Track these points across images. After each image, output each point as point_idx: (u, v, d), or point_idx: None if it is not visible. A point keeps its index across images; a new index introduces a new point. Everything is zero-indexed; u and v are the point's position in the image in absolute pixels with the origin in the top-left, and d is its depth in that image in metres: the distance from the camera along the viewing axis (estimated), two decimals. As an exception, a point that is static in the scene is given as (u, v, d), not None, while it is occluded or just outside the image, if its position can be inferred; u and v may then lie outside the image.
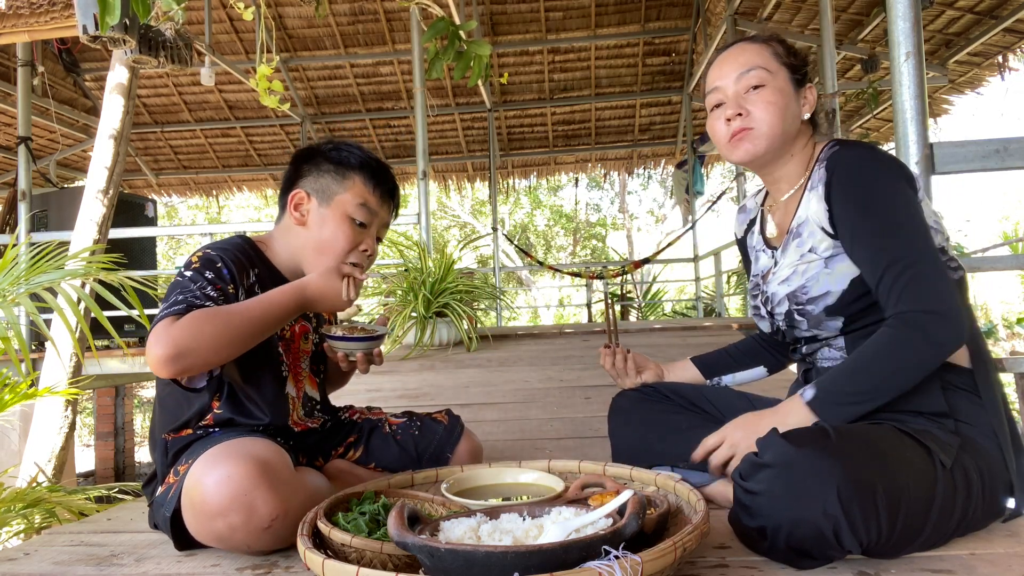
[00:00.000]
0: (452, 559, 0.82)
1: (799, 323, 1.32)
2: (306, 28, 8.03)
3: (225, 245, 1.37)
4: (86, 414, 10.86)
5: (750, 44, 1.35)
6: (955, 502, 1.06)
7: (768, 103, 1.29)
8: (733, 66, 1.33)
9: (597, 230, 17.53)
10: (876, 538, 0.98)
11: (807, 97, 1.34)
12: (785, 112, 1.29)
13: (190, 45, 3.26)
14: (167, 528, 1.21)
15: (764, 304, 1.40)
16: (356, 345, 1.42)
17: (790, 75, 1.32)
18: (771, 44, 1.34)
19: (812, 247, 1.27)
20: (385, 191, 1.46)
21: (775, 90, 1.30)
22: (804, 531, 0.98)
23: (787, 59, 1.33)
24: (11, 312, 2.09)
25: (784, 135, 1.30)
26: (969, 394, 1.17)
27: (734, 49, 1.36)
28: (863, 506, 0.96)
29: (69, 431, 3.03)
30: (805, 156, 1.35)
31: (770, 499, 1.00)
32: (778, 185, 1.38)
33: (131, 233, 5.58)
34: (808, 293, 1.27)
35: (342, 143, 1.47)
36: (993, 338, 9.26)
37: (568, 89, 9.01)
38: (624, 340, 1.78)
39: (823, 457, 0.98)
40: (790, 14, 7.04)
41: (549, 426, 2.24)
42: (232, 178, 10.16)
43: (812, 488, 0.96)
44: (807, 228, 1.28)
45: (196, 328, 1.17)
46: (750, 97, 1.30)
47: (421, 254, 4.66)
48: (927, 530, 1.04)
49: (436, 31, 2.32)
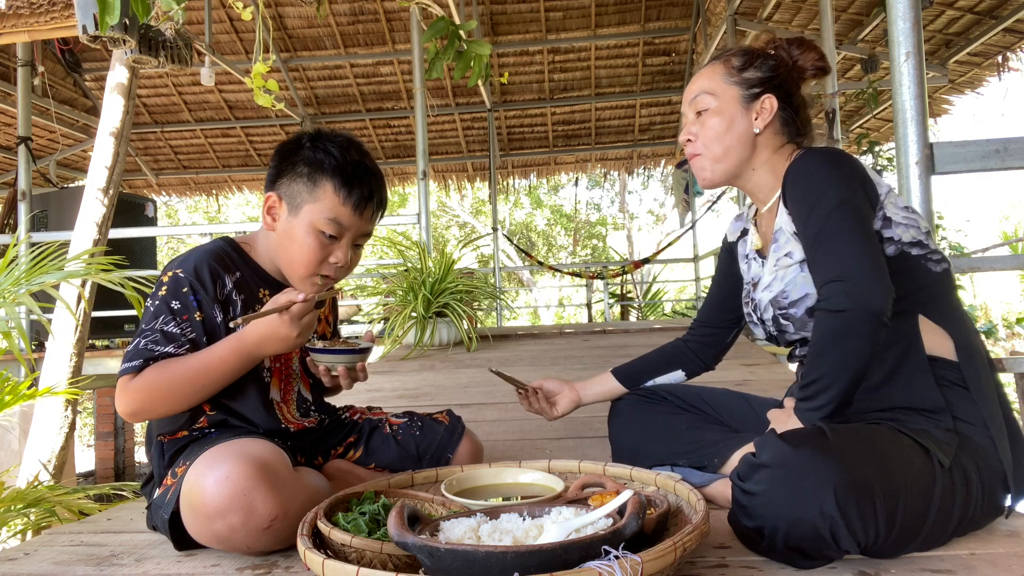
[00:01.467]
0: (452, 559, 0.82)
1: (786, 327, 1.33)
2: (306, 28, 8.03)
3: (199, 256, 1.33)
4: (86, 414, 10.86)
5: (709, 66, 1.39)
6: (954, 501, 1.06)
7: (709, 128, 1.34)
8: (690, 91, 1.39)
9: (597, 230, 17.53)
10: (874, 538, 0.99)
11: (763, 108, 1.33)
12: (727, 134, 1.33)
13: (190, 45, 3.26)
14: (166, 529, 1.21)
15: (754, 312, 1.42)
16: (337, 358, 1.35)
17: (741, 92, 1.34)
18: (727, 61, 1.37)
19: (788, 252, 1.29)
20: (360, 198, 1.34)
21: (716, 114, 1.34)
22: (801, 531, 0.98)
23: (739, 75, 1.34)
24: (13, 312, 2.09)
25: (730, 155, 1.34)
26: (962, 389, 1.16)
27: (697, 74, 1.41)
28: (860, 506, 0.96)
29: (69, 431, 3.03)
30: (776, 166, 1.36)
31: (767, 500, 1.00)
32: (756, 196, 1.41)
33: (131, 233, 5.58)
34: (789, 297, 1.29)
35: (325, 136, 1.37)
36: (993, 338, 9.26)
37: (568, 89, 9.01)
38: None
39: (820, 457, 0.98)
40: (790, 14, 7.04)
41: (549, 426, 2.24)
42: (232, 178, 10.15)
43: (809, 489, 0.97)
44: (782, 235, 1.31)
45: (148, 391, 1.24)
46: (698, 122, 1.37)
47: (421, 254, 4.66)
48: (926, 529, 1.04)
49: (436, 31, 2.32)
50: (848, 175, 1.22)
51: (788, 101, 1.36)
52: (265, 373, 1.40)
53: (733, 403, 1.57)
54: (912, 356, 1.18)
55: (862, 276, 1.10)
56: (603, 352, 4.05)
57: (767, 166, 1.36)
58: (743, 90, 1.34)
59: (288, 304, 1.21)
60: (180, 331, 1.27)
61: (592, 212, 17.68)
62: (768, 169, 1.36)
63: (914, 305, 1.20)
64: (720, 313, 1.59)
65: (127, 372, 1.24)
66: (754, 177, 1.37)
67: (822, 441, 1.02)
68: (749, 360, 3.37)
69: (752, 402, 1.56)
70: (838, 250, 1.14)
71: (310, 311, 1.24)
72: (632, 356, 1.71)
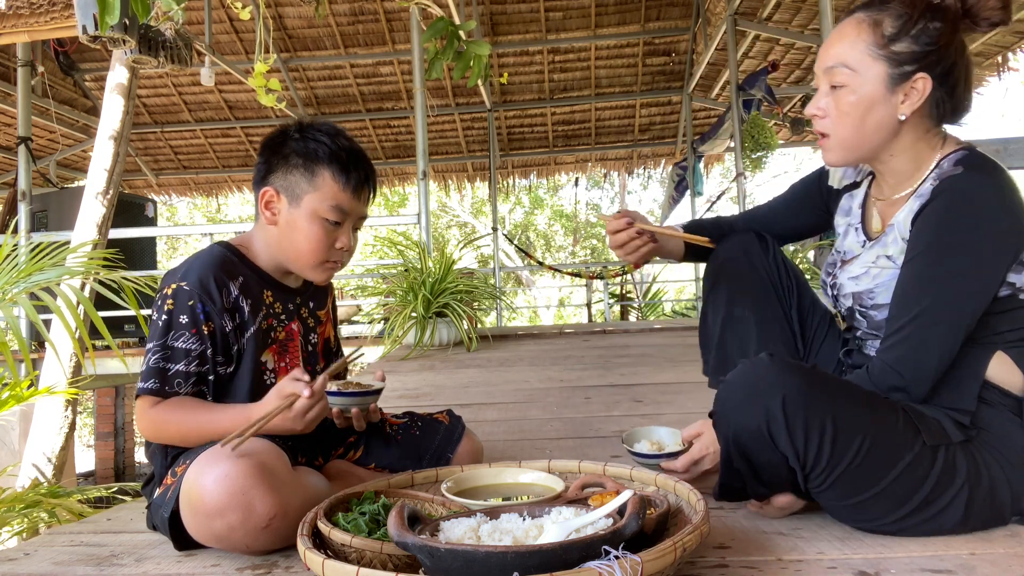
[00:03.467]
0: (452, 559, 0.82)
1: (860, 322, 1.30)
2: (306, 28, 8.03)
3: (202, 266, 1.32)
4: (86, 414, 10.86)
5: (853, 25, 1.17)
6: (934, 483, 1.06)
7: (842, 113, 1.18)
8: (826, 55, 1.19)
9: (597, 230, 17.53)
10: (814, 459, 1.03)
11: (912, 90, 1.13)
12: (863, 121, 1.16)
13: (190, 45, 3.26)
14: (166, 529, 1.21)
15: (832, 287, 1.34)
16: (351, 401, 1.37)
17: (889, 70, 1.13)
18: (878, 25, 1.14)
19: (891, 255, 1.20)
20: (358, 182, 1.37)
21: (854, 95, 1.16)
22: (746, 433, 1.04)
23: (889, 48, 1.13)
24: (9, 311, 2.09)
25: (863, 144, 1.19)
26: (1007, 412, 1.12)
27: (840, 27, 1.19)
28: (807, 419, 1.01)
29: (69, 431, 3.03)
30: (919, 155, 1.19)
31: (725, 408, 1.06)
32: (883, 178, 1.26)
33: (131, 233, 5.59)
34: (875, 299, 1.23)
35: (310, 126, 1.38)
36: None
37: (568, 89, 9.01)
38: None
39: (781, 369, 1.03)
40: (790, 14, 7.04)
41: (549, 426, 2.24)
42: (232, 178, 10.16)
43: (763, 392, 1.02)
44: (893, 233, 1.21)
45: (162, 426, 1.29)
46: (832, 96, 1.19)
47: (421, 254, 4.66)
48: (881, 487, 1.06)
49: (436, 31, 2.32)
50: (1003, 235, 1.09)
51: (944, 78, 1.14)
52: (268, 374, 1.40)
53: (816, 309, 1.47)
54: (968, 375, 1.14)
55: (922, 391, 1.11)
56: (603, 352, 4.05)
57: (909, 153, 1.19)
58: (892, 68, 1.13)
59: (293, 399, 1.19)
60: (189, 346, 1.28)
61: (592, 212, 17.68)
62: (910, 157, 1.19)
63: (998, 341, 1.14)
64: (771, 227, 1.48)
65: (145, 393, 1.28)
66: (891, 163, 1.21)
67: (801, 367, 1.06)
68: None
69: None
70: (924, 348, 1.10)
71: (317, 403, 1.22)
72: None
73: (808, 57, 7.74)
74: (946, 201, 1.10)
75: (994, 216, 1.08)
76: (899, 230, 1.19)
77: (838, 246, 1.37)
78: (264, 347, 1.39)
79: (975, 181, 1.10)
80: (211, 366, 1.31)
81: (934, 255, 1.10)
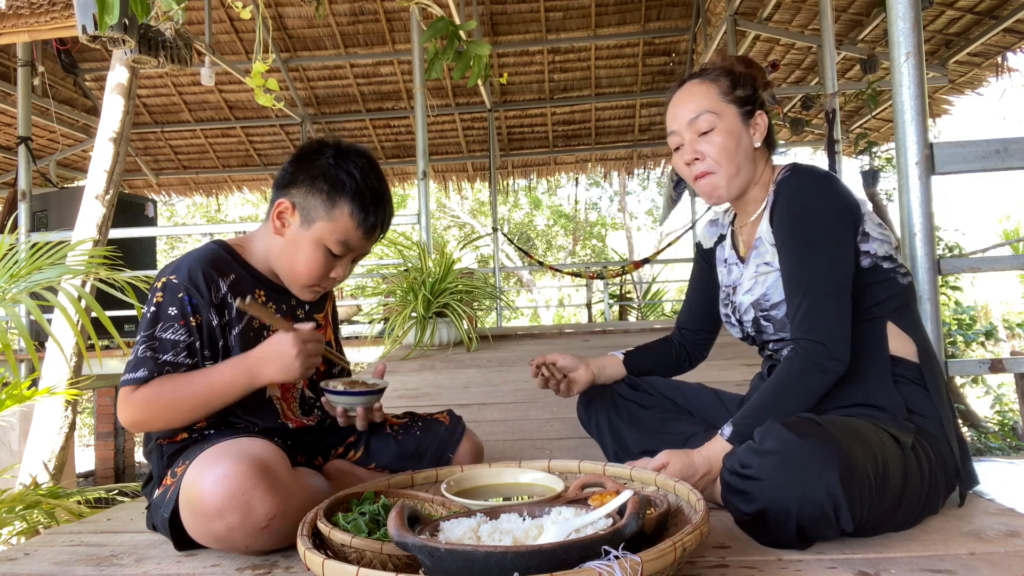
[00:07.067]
0: (452, 559, 0.82)
1: (766, 328, 1.40)
2: (306, 28, 8.03)
3: (192, 261, 1.33)
4: (86, 414, 10.86)
5: (698, 85, 1.41)
6: (920, 479, 1.16)
7: (721, 149, 1.37)
8: (684, 111, 1.40)
9: (597, 230, 17.53)
10: (867, 515, 1.07)
11: (757, 124, 1.40)
12: (737, 151, 1.37)
13: (190, 45, 3.26)
14: (165, 529, 1.21)
15: (732, 313, 1.49)
16: (356, 400, 1.38)
17: (738, 109, 1.39)
18: (718, 82, 1.40)
19: (768, 261, 1.37)
20: (373, 225, 1.37)
21: (725, 132, 1.37)
22: (808, 511, 1.04)
23: (733, 95, 1.39)
24: (11, 310, 2.09)
25: (742, 171, 1.39)
26: (917, 386, 1.27)
27: (683, 92, 1.43)
28: (859, 485, 1.05)
29: (69, 431, 3.03)
30: (765, 179, 1.43)
31: (775, 483, 1.06)
32: (746, 208, 1.46)
33: (131, 233, 5.59)
34: (770, 300, 1.37)
35: (347, 152, 1.37)
36: (993, 338, 9.24)
37: (568, 89, 9.01)
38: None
39: (824, 443, 1.06)
40: (790, 14, 7.04)
41: (549, 426, 2.24)
42: (232, 178, 10.16)
43: (816, 471, 1.04)
44: (762, 244, 1.39)
45: (148, 405, 1.26)
46: (703, 142, 1.38)
47: (421, 254, 4.66)
48: (902, 507, 1.14)
49: (436, 31, 2.32)
50: (839, 211, 1.29)
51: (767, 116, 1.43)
52: None
53: (705, 397, 1.65)
54: (878, 359, 1.28)
55: (842, 348, 1.23)
56: (603, 352, 4.02)
57: (762, 180, 1.43)
58: (739, 108, 1.39)
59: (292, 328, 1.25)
60: (177, 337, 1.28)
61: (591, 212, 17.68)
62: (762, 184, 1.43)
63: (884, 312, 1.30)
64: (701, 320, 1.67)
65: (129, 383, 1.26)
66: (752, 192, 1.43)
67: (821, 429, 1.09)
68: (749, 360, 3.37)
69: (722, 397, 1.65)
70: (823, 312, 1.24)
71: (316, 339, 1.28)
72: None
73: (808, 57, 7.75)
74: (788, 193, 1.33)
75: (828, 197, 1.30)
76: (765, 238, 1.38)
77: (724, 284, 1.54)
78: (252, 346, 1.37)
79: (805, 176, 1.34)
80: (199, 359, 1.31)
81: (798, 238, 1.29)
